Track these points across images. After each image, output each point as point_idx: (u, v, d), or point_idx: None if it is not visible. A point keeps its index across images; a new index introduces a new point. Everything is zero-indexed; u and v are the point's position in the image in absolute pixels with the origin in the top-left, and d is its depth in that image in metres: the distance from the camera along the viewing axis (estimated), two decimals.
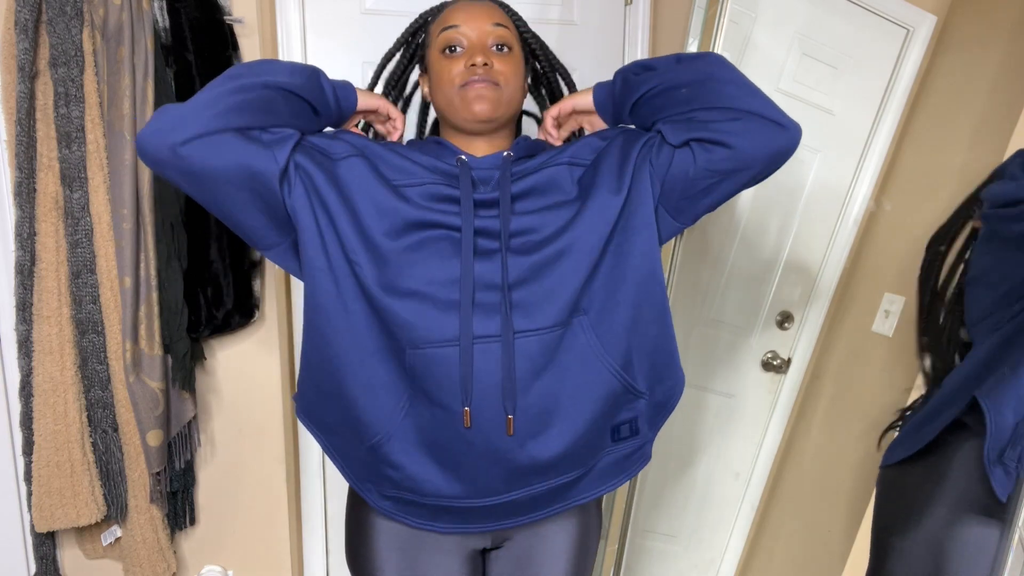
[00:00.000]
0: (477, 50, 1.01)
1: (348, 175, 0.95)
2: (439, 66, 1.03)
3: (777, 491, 2.24)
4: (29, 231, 1.47)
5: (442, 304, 0.91)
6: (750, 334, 2.09)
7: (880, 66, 1.97)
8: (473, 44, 1.02)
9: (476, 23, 1.02)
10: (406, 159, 0.99)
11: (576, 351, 0.94)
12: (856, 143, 2.01)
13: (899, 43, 1.96)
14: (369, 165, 0.96)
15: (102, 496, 1.57)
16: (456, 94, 1.01)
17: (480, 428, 0.91)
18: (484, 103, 0.99)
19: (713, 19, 1.54)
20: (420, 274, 0.91)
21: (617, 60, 2.01)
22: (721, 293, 2.02)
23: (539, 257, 0.93)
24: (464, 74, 1.00)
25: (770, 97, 0.94)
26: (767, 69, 1.88)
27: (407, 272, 0.91)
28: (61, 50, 1.43)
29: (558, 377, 0.93)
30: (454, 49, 1.02)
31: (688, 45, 1.60)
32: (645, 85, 0.99)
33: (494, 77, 1.00)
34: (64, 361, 1.51)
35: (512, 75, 1.03)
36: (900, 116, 2.00)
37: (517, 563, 1.10)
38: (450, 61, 1.01)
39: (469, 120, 1.01)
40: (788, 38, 1.88)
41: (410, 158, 0.99)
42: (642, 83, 0.99)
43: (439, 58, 1.03)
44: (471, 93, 0.99)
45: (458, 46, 1.02)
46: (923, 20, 1.93)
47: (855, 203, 2.05)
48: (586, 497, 1.05)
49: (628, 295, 0.97)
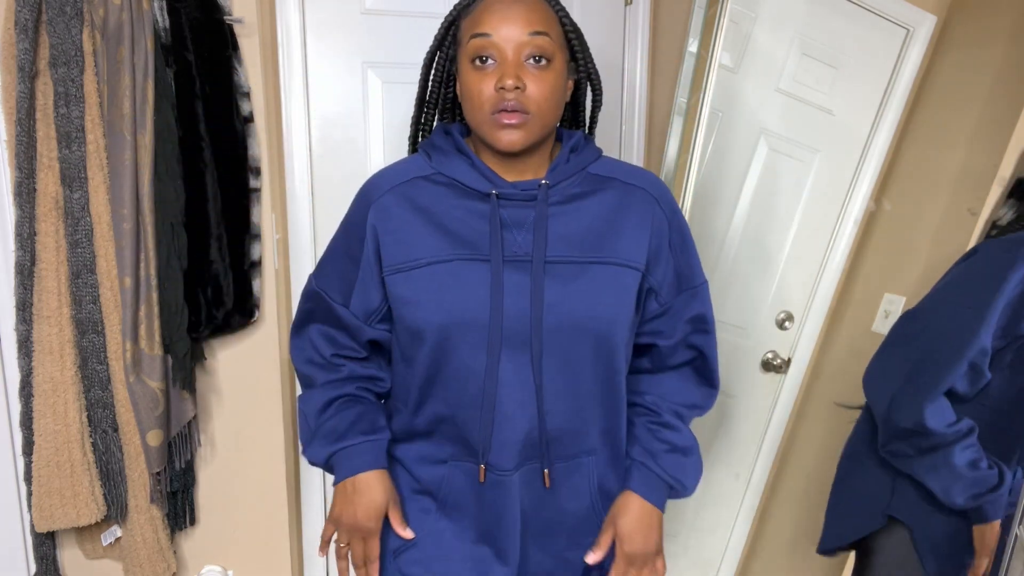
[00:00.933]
0: (510, 67, 0.92)
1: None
2: (468, 78, 0.95)
3: (777, 491, 2.24)
4: (29, 231, 1.47)
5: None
6: (750, 334, 2.09)
7: (880, 66, 1.97)
8: (506, 58, 0.92)
9: (511, 31, 0.92)
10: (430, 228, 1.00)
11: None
12: (856, 143, 2.01)
13: (899, 43, 1.96)
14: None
15: (102, 496, 1.57)
16: (485, 120, 0.95)
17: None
18: (513, 135, 0.94)
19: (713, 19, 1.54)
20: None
21: (617, 60, 2.01)
22: (721, 293, 2.01)
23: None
24: (495, 99, 0.93)
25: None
26: (767, 69, 1.88)
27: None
28: (61, 50, 1.43)
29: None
30: (485, 60, 0.93)
31: (688, 45, 1.60)
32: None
33: (525, 105, 0.93)
34: (64, 361, 1.51)
35: (548, 96, 0.94)
36: (900, 116, 2.00)
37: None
38: (480, 75, 0.93)
39: (498, 148, 0.96)
40: (788, 38, 1.88)
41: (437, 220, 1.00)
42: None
43: (469, 68, 0.95)
44: (500, 122, 0.93)
45: (489, 58, 0.93)
46: (923, 20, 1.93)
47: (855, 203, 2.05)
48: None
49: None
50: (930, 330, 1.32)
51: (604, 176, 1.05)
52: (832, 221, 2.06)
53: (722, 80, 1.81)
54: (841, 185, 2.03)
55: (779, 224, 2.02)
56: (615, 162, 1.09)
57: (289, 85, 1.75)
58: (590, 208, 1.01)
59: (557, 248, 0.98)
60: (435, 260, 0.97)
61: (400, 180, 1.02)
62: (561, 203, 1.00)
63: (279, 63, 1.73)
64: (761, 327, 2.08)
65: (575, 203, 1.01)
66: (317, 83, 1.77)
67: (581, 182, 1.03)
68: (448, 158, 1.02)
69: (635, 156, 2.05)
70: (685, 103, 1.62)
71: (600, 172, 1.05)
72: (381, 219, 1.00)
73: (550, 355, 0.97)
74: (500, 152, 0.98)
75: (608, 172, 1.06)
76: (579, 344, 0.98)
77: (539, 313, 0.95)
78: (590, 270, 0.98)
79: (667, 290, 1.07)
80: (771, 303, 2.07)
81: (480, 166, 1.00)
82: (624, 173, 1.07)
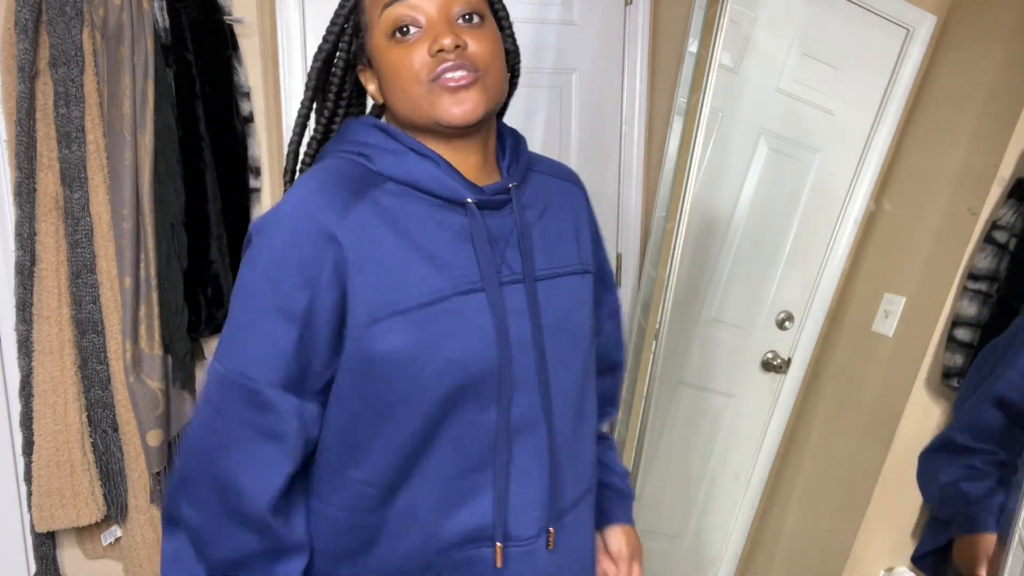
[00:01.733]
0: (440, 27, 0.74)
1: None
2: (390, 57, 0.76)
3: (777, 491, 2.24)
4: (29, 231, 1.47)
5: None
6: (750, 334, 2.09)
7: (880, 66, 1.97)
8: (432, 20, 0.75)
9: None
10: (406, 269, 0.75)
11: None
12: (856, 143, 2.01)
13: (899, 43, 1.95)
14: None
15: (102, 496, 1.57)
16: (424, 93, 0.75)
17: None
18: (466, 99, 0.74)
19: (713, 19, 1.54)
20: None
21: (617, 60, 2.01)
22: (721, 293, 2.02)
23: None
24: (431, 64, 0.74)
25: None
26: (767, 69, 1.88)
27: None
28: (61, 50, 1.43)
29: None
30: (406, 31, 0.75)
31: (688, 45, 1.60)
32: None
33: (472, 62, 0.74)
34: (64, 361, 1.51)
35: (493, 54, 0.77)
36: (900, 116, 2.00)
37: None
38: (405, 49, 0.75)
39: (446, 126, 0.76)
40: (788, 38, 1.88)
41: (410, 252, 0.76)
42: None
43: (388, 46, 0.76)
44: (446, 86, 0.74)
45: (412, 25, 0.75)
46: (923, 20, 1.93)
47: (855, 203, 2.05)
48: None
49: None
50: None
51: (540, 173, 0.90)
52: (832, 221, 2.06)
53: (722, 80, 1.81)
54: (841, 185, 2.03)
55: (779, 224, 2.02)
56: (535, 154, 0.93)
57: (289, 85, 1.75)
58: (546, 211, 0.86)
59: (538, 263, 0.82)
60: (434, 299, 0.75)
61: (361, 192, 0.76)
62: (525, 208, 0.83)
63: (279, 63, 1.73)
64: (761, 327, 2.08)
65: (535, 207, 0.85)
66: None
67: (530, 180, 0.88)
68: (400, 159, 0.78)
69: (635, 156, 2.06)
70: (685, 103, 1.62)
71: (536, 168, 0.90)
72: (354, 247, 0.73)
73: (556, 390, 0.82)
74: (449, 133, 0.77)
75: (540, 167, 0.91)
76: (572, 372, 0.85)
77: (541, 342, 0.80)
78: (569, 282, 0.86)
79: (598, 286, 0.95)
80: (771, 303, 2.07)
81: (446, 166, 0.78)
82: (549, 167, 0.93)
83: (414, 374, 0.74)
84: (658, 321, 1.65)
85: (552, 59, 1.94)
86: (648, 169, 2.10)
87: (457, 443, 0.77)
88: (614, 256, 2.13)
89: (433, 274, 0.75)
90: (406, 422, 0.76)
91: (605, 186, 2.08)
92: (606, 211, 2.09)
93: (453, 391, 0.75)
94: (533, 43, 1.91)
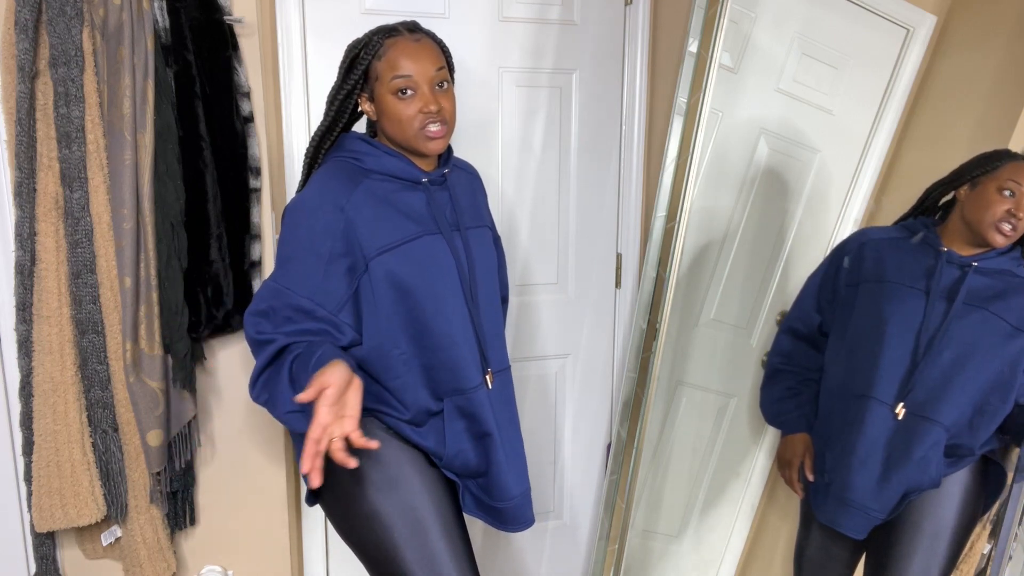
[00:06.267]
0: (427, 94, 1.22)
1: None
2: (395, 107, 1.22)
3: (777, 491, 2.24)
4: (29, 231, 1.47)
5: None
6: (750, 334, 2.09)
7: (880, 66, 1.97)
8: (422, 90, 1.22)
9: (424, 69, 1.22)
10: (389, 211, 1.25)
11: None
12: (856, 143, 2.01)
13: (899, 43, 1.96)
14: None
15: (102, 496, 1.57)
16: (415, 135, 1.23)
17: None
18: (439, 143, 1.25)
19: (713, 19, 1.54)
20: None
21: (617, 60, 2.01)
22: (721, 293, 2.02)
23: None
24: (421, 119, 1.22)
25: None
26: (767, 69, 1.88)
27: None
28: (61, 50, 1.43)
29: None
30: (406, 91, 1.22)
31: (688, 45, 1.60)
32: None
33: (444, 117, 1.23)
34: (64, 361, 1.51)
35: (454, 106, 1.27)
36: (900, 116, 2.00)
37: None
38: (405, 104, 1.22)
39: (424, 153, 1.26)
40: (788, 38, 1.88)
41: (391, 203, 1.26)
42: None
43: (393, 100, 1.22)
44: (428, 135, 1.23)
45: (410, 89, 1.22)
46: (923, 20, 1.94)
47: (855, 203, 2.05)
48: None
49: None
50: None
51: (456, 167, 1.39)
52: (832, 221, 2.06)
53: (722, 80, 1.81)
54: (841, 185, 2.04)
55: (779, 224, 2.02)
56: (454, 156, 1.43)
57: (289, 85, 1.75)
58: (462, 189, 1.37)
59: (464, 218, 1.32)
60: (410, 237, 1.24)
61: (357, 181, 1.23)
62: (453, 186, 1.35)
63: (279, 63, 1.74)
64: (761, 327, 2.09)
65: (458, 187, 1.36)
66: (317, 83, 1.77)
67: (452, 171, 1.37)
68: (380, 159, 1.27)
69: (635, 156, 2.06)
70: (685, 103, 1.62)
71: (455, 164, 1.40)
72: (357, 212, 1.21)
73: (482, 293, 1.33)
74: (423, 155, 1.28)
75: (457, 163, 1.41)
76: (491, 285, 1.35)
77: (472, 263, 1.31)
78: (482, 232, 1.36)
79: (496, 240, 1.50)
80: (771, 303, 2.08)
81: (408, 162, 1.28)
82: (462, 164, 1.44)
83: (410, 284, 1.23)
84: (658, 321, 1.65)
85: (552, 59, 1.95)
86: (648, 169, 2.10)
87: (437, 323, 1.27)
88: (614, 256, 2.13)
89: (407, 223, 1.25)
90: (418, 314, 1.25)
91: (605, 186, 2.08)
92: (606, 211, 2.10)
93: (434, 285, 1.25)
94: (533, 43, 1.92)
